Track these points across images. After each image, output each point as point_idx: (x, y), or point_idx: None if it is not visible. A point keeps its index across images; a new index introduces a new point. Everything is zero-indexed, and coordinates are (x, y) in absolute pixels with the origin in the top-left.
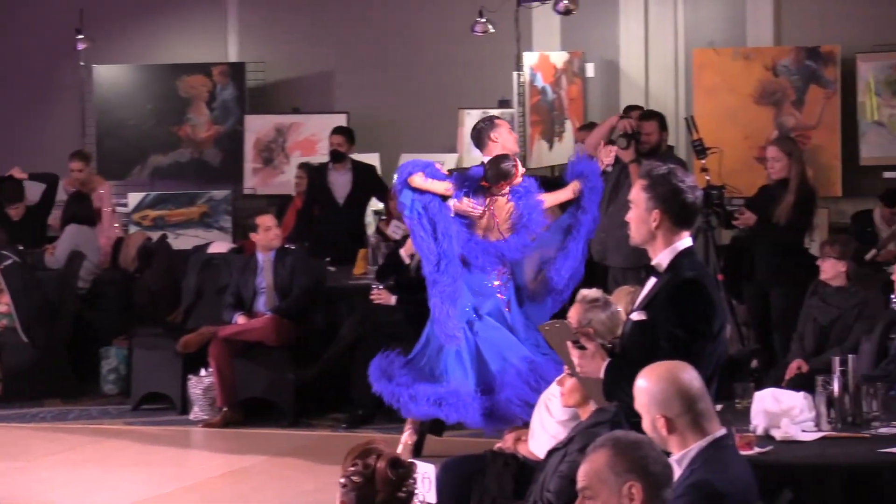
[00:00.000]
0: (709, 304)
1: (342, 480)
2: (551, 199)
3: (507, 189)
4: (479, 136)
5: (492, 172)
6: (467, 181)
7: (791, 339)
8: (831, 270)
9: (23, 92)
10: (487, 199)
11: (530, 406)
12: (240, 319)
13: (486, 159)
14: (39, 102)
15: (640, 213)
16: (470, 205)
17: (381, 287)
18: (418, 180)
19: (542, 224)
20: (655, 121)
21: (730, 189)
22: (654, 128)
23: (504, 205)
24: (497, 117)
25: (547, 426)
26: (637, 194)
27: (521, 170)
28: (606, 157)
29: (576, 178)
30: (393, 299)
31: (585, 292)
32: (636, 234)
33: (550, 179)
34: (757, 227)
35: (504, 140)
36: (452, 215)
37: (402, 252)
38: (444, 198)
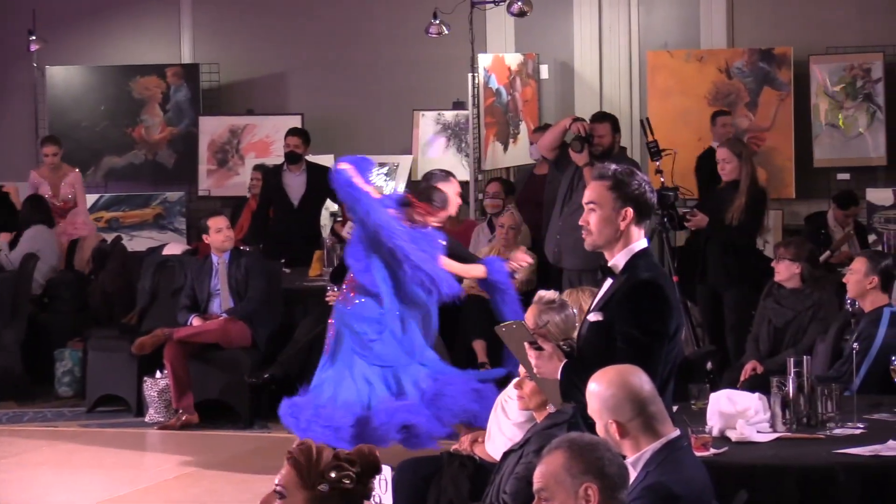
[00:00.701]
0: (665, 304)
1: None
2: (456, 268)
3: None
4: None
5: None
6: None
7: (745, 341)
8: (786, 272)
9: None
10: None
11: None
12: (195, 321)
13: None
14: None
15: (606, 213)
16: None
17: (336, 288)
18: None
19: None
20: (608, 123)
21: (683, 191)
22: (607, 130)
23: None
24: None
25: (503, 428)
26: (602, 194)
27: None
28: (522, 261)
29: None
30: None
31: (543, 293)
32: (599, 236)
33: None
34: (709, 228)
35: (451, 197)
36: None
37: None
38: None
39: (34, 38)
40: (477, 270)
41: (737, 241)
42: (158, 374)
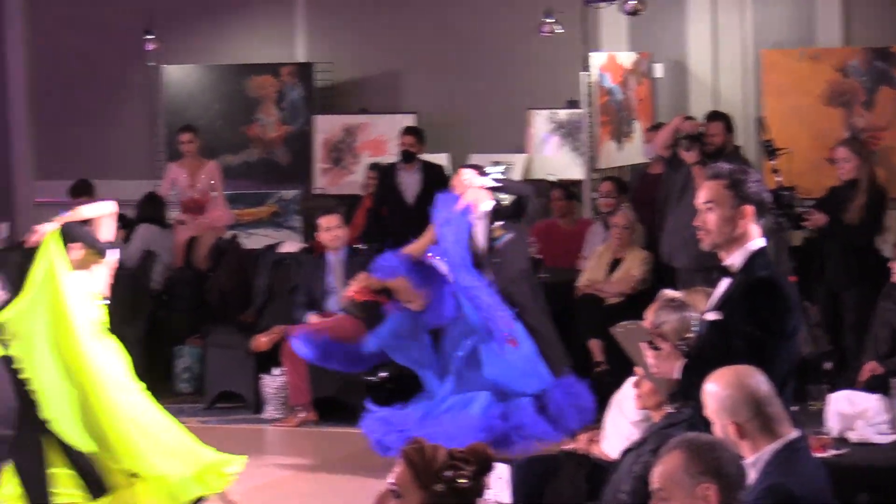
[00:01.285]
0: (783, 302)
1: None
2: (414, 248)
3: None
4: None
5: None
6: None
7: (864, 341)
8: None
9: (93, 92)
10: None
11: None
12: (312, 319)
13: None
14: (109, 103)
15: (724, 212)
16: None
17: None
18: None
19: None
20: (721, 122)
21: (799, 190)
22: (719, 129)
23: None
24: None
25: (620, 427)
26: (719, 193)
27: None
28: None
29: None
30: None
31: (666, 292)
32: (718, 236)
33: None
34: (827, 228)
35: None
36: None
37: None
38: None
39: (150, 37)
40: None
41: (856, 240)
42: (276, 372)
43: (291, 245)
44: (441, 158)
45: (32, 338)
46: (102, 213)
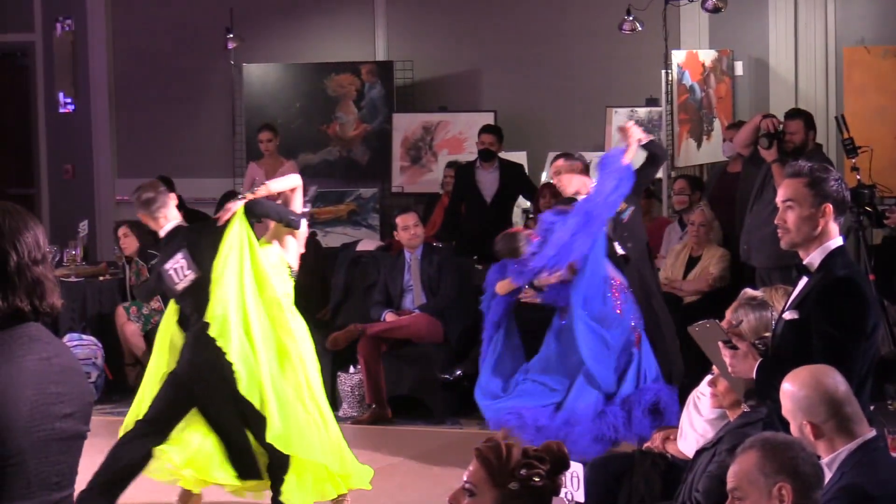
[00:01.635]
0: (862, 302)
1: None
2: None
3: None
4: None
5: (502, 247)
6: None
7: None
8: None
9: (174, 91)
10: None
11: None
12: (388, 317)
13: None
14: (190, 102)
15: (805, 210)
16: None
17: (529, 286)
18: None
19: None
20: (801, 120)
21: (881, 188)
22: (799, 127)
23: None
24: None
25: (696, 425)
26: (799, 192)
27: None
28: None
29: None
30: (539, 298)
31: (748, 291)
32: (797, 234)
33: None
34: None
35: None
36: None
37: None
38: None
39: (231, 35)
40: None
41: None
42: (352, 370)
43: (369, 243)
44: (519, 157)
45: (228, 316)
46: (290, 187)
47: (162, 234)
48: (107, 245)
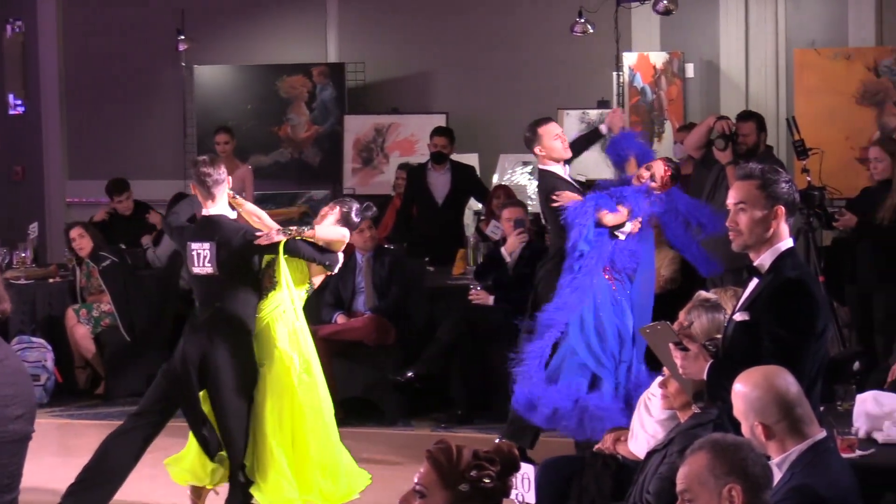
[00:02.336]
0: (812, 303)
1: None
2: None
3: None
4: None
5: None
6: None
7: (894, 342)
8: None
9: (125, 93)
10: None
11: None
12: (339, 319)
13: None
14: (141, 103)
15: (757, 212)
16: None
17: (479, 287)
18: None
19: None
20: (753, 121)
21: (830, 190)
22: (751, 129)
23: None
24: (541, 122)
25: (646, 426)
26: (751, 194)
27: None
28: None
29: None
30: (490, 299)
31: (701, 293)
32: (750, 236)
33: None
34: (859, 228)
35: (549, 149)
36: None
37: (504, 250)
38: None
39: (182, 37)
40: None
41: (887, 241)
42: None
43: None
44: (471, 158)
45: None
46: (338, 239)
47: (205, 212)
48: (57, 247)
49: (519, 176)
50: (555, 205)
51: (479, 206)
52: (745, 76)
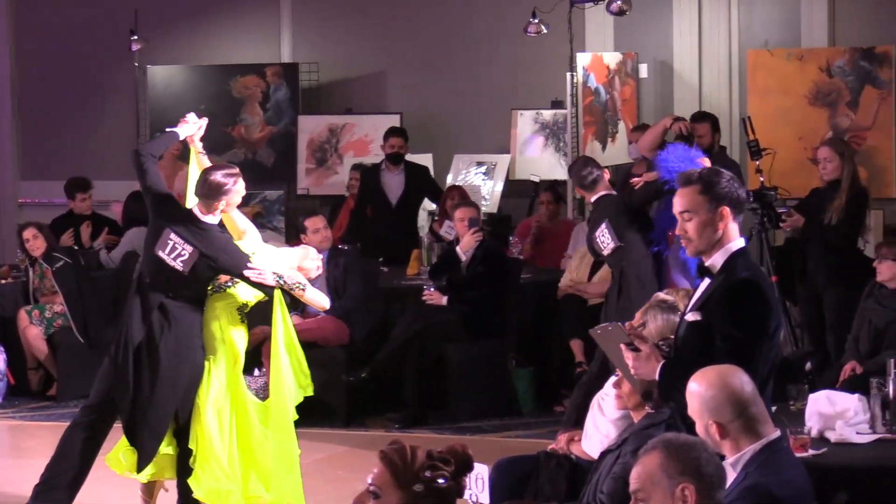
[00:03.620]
0: (764, 303)
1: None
2: None
3: None
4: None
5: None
6: None
7: (845, 341)
8: (888, 272)
9: (78, 93)
10: None
11: None
12: (294, 319)
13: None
14: (94, 103)
15: (703, 217)
16: None
17: (433, 287)
18: None
19: None
20: (708, 122)
21: (781, 191)
22: (706, 129)
23: None
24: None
25: (599, 425)
26: (694, 200)
27: None
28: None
29: None
30: (444, 299)
31: (660, 294)
32: (700, 242)
33: None
34: (808, 228)
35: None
36: None
37: (459, 249)
38: None
39: (136, 38)
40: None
41: (834, 241)
42: (257, 372)
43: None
44: (425, 159)
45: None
46: (317, 305)
47: (196, 212)
48: (9, 248)
49: (473, 176)
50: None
51: (434, 206)
52: (699, 77)
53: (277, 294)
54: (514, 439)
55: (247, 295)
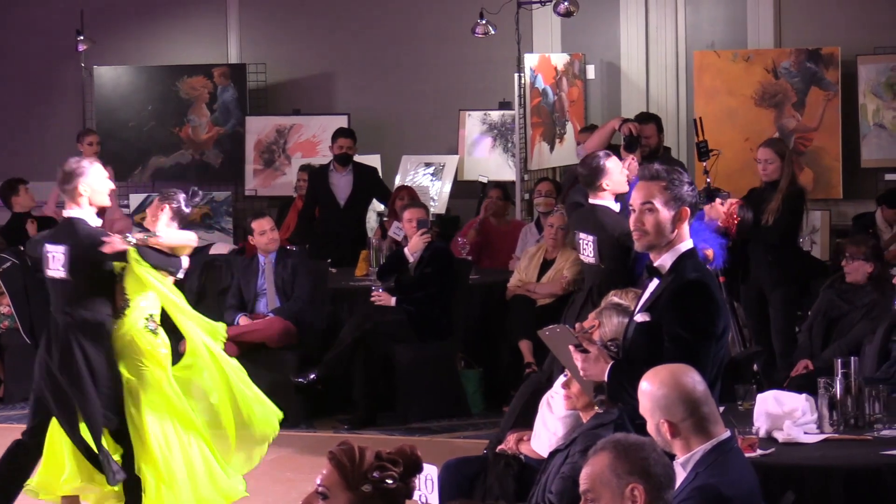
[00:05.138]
0: (713, 304)
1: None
2: None
3: None
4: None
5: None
6: None
7: (790, 341)
8: (858, 273)
9: (23, 93)
10: None
11: None
12: (242, 321)
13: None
14: (40, 103)
15: (663, 213)
16: None
17: (381, 288)
18: None
19: None
20: (654, 123)
21: (727, 191)
22: (653, 130)
23: None
24: (608, 156)
25: (548, 424)
26: (658, 194)
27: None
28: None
29: None
30: (392, 300)
31: (613, 297)
32: (656, 237)
33: None
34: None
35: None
36: None
37: (407, 251)
38: None
39: (82, 38)
40: None
41: (772, 240)
42: None
43: (222, 246)
44: (373, 160)
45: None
46: (184, 244)
47: (66, 213)
48: None
49: (421, 177)
50: None
51: (382, 207)
52: (646, 77)
53: (139, 265)
54: (462, 440)
55: (148, 308)
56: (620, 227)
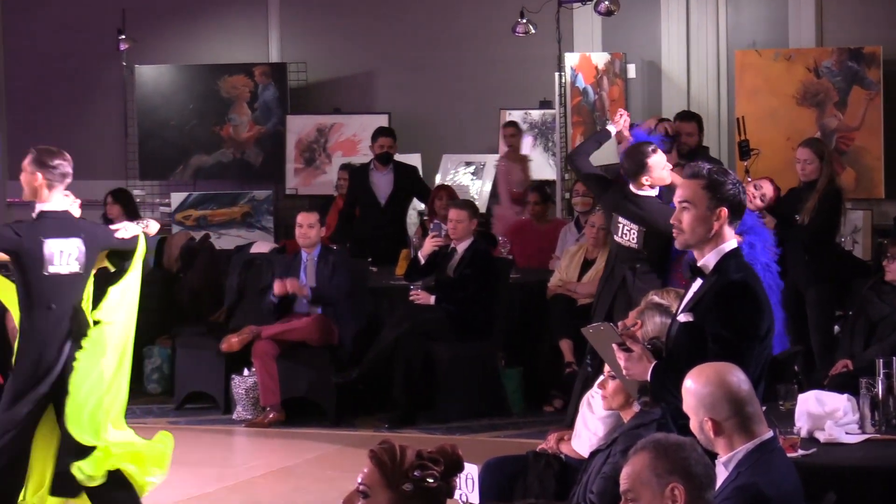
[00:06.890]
0: (756, 305)
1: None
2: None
3: None
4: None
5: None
6: None
7: (828, 340)
8: None
9: (66, 92)
10: None
11: None
12: (278, 325)
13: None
14: (82, 103)
15: (700, 212)
16: None
17: (419, 287)
18: None
19: None
20: (695, 122)
21: None
22: (693, 128)
23: None
24: (654, 152)
25: (589, 424)
26: (696, 193)
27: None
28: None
29: None
30: (432, 299)
31: (654, 297)
32: (692, 235)
33: None
34: (780, 229)
35: (655, 180)
36: None
37: (420, 255)
38: None
39: (123, 37)
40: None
41: (806, 240)
42: (246, 372)
43: (263, 245)
44: (413, 159)
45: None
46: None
47: (48, 207)
48: None
49: (461, 176)
50: None
51: (422, 206)
52: (687, 77)
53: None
54: (503, 439)
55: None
56: (667, 219)
